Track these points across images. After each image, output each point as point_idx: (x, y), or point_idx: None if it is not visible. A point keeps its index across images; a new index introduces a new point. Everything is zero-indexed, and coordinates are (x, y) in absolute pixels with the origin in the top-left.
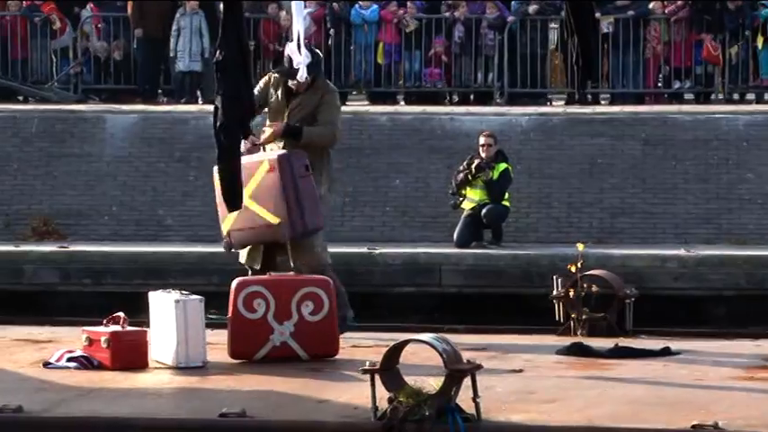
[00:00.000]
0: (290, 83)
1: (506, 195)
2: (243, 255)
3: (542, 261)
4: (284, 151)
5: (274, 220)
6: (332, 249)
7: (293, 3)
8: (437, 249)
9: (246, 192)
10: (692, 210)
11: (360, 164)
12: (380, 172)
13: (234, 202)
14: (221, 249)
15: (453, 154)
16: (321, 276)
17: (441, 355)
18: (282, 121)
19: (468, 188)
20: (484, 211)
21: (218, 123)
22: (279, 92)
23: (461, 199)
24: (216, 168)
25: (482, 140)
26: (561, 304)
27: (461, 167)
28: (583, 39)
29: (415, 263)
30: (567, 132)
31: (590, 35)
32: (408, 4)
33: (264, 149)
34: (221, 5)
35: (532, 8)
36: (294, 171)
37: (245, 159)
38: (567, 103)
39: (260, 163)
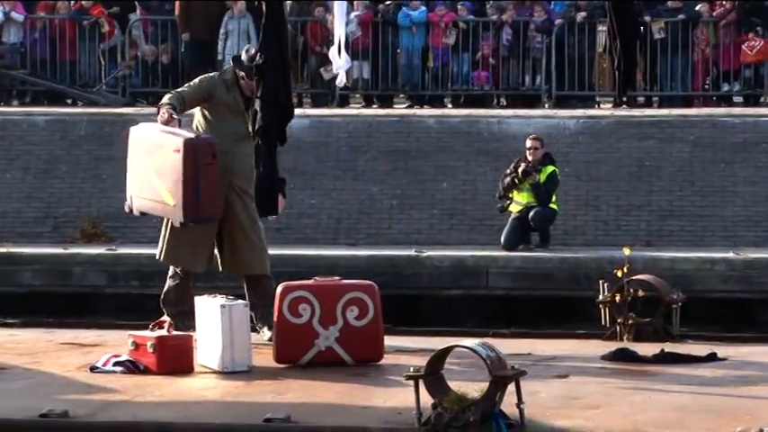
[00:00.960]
0: (241, 82)
1: (554, 198)
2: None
3: (590, 264)
4: (192, 135)
5: (170, 200)
6: (379, 252)
7: (335, 4)
8: (484, 252)
9: (153, 164)
10: (740, 212)
11: (407, 167)
12: (428, 175)
13: (266, 209)
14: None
15: (501, 157)
16: (366, 282)
17: (485, 361)
18: (244, 121)
19: (515, 191)
20: (531, 213)
21: (256, 127)
22: (235, 92)
23: (508, 202)
24: (133, 129)
25: (529, 143)
26: (608, 309)
27: (508, 171)
28: (625, 43)
29: (462, 265)
30: (616, 135)
31: (633, 40)
32: (458, 6)
33: (181, 125)
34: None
35: (580, 16)
36: (198, 158)
37: (160, 131)
38: (615, 105)
39: (170, 141)
